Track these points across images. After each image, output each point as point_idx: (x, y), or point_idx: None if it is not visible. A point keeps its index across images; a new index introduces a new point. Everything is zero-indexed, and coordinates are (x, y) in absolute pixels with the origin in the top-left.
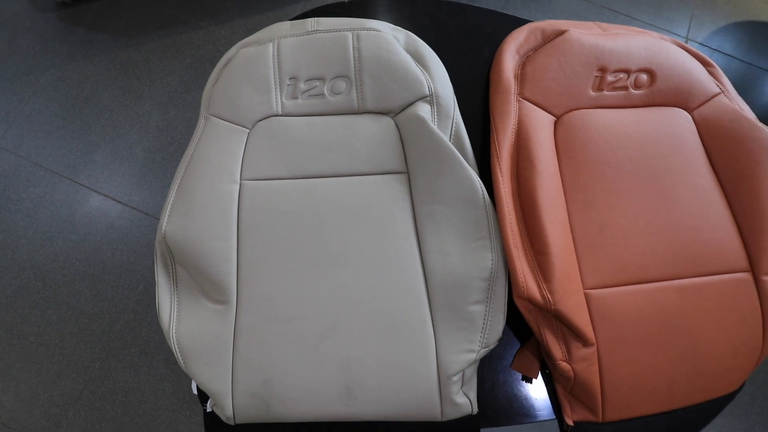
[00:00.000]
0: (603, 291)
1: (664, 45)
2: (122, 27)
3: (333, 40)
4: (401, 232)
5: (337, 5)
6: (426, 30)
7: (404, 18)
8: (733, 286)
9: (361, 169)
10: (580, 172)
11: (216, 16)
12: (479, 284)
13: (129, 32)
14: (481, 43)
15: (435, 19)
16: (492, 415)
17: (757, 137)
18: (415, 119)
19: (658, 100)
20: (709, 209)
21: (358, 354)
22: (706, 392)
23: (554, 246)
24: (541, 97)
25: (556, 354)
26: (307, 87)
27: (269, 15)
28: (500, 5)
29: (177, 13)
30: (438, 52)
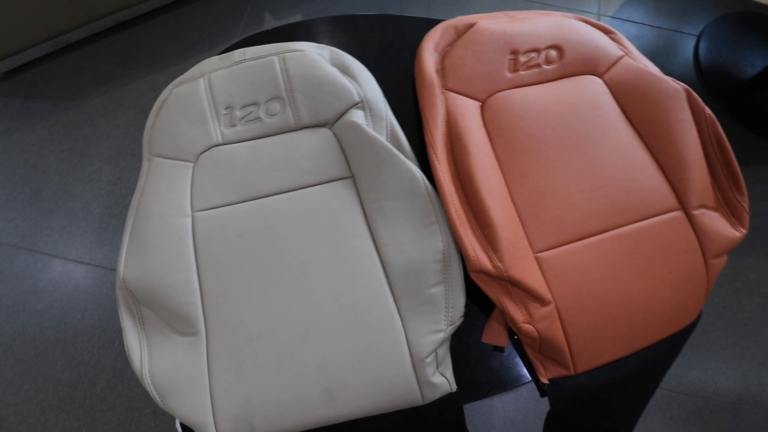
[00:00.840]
0: (551, 252)
1: (567, 21)
2: (60, 91)
3: (261, 65)
4: (355, 232)
5: (262, 34)
6: (350, 44)
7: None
8: (668, 225)
9: (308, 181)
10: (511, 147)
11: (152, 65)
12: (434, 266)
13: (68, 95)
14: (403, 48)
15: (357, 33)
16: (472, 389)
17: (663, 88)
18: (350, 125)
19: (569, 71)
20: (633, 160)
21: (333, 356)
22: (665, 328)
23: (496, 217)
24: (463, 86)
25: (517, 317)
26: (243, 113)
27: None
28: (425, 11)
29: (113, 69)
30: (365, 63)
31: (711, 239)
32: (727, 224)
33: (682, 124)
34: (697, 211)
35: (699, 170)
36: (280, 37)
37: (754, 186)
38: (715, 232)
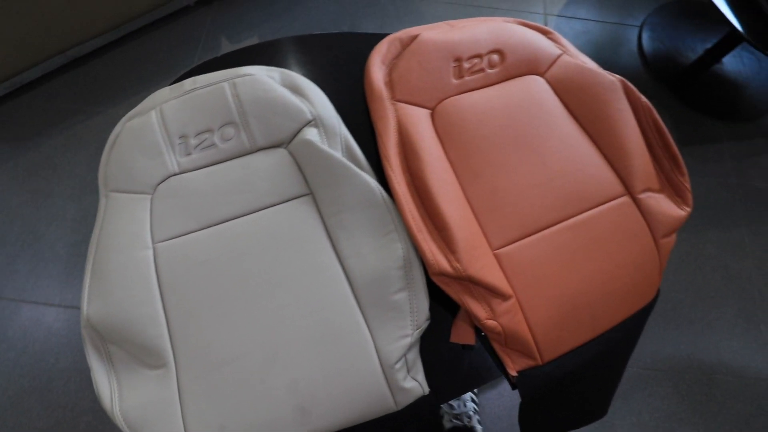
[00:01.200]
0: (509, 248)
1: (506, 26)
2: (18, 133)
3: (212, 93)
4: (317, 247)
5: (213, 61)
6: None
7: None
8: (617, 211)
9: (267, 202)
10: (463, 150)
11: (112, 98)
12: (396, 273)
13: (26, 136)
14: (353, 64)
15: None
16: (445, 389)
17: (600, 82)
18: (305, 143)
19: (512, 72)
20: (579, 152)
21: (302, 372)
22: (625, 309)
23: (452, 220)
24: (412, 95)
25: (480, 314)
26: (198, 141)
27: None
28: (378, 24)
29: (70, 106)
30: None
31: (658, 220)
32: (672, 204)
33: (621, 114)
34: (642, 194)
35: (640, 156)
36: (231, 63)
37: (704, 164)
38: (661, 213)
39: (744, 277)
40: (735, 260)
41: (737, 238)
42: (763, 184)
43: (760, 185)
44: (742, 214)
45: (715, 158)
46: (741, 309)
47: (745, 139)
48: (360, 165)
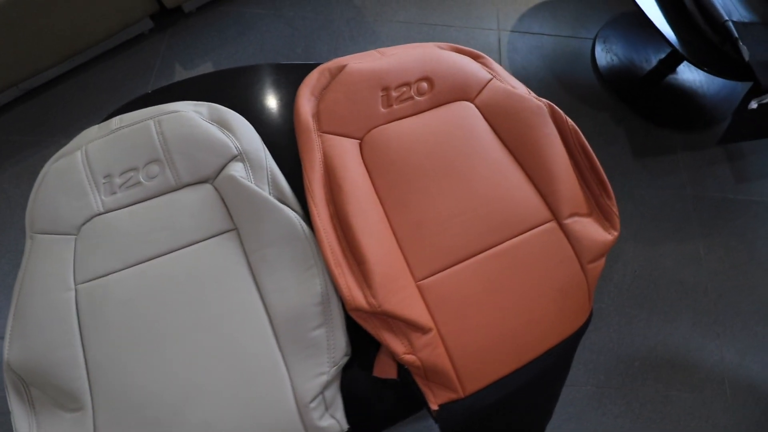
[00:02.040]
0: (433, 278)
1: (436, 52)
2: None
3: (137, 131)
4: (240, 284)
5: (144, 97)
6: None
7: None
8: (543, 237)
9: (191, 239)
10: (390, 180)
11: (66, 129)
12: (314, 309)
13: None
14: (286, 95)
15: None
16: (368, 424)
17: (527, 106)
18: (228, 179)
19: (441, 99)
20: (506, 178)
21: (217, 414)
22: (553, 336)
23: (370, 254)
24: (338, 127)
25: (398, 349)
26: (123, 180)
27: None
28: (333, 46)
29: (25, 138)
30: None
31: (584, 246)
32: (599, 228)
33: (547, 139)
34: (568, 220)
35: (567, 180)
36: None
37: (660, 176)
38: (587, 239)
39: (699, 291)
40: (690, 274)
41: (692, 251)
42: (717, 193)
43: (715, 195)
44: (697, 225)
45: (670, 169)
46: (696, 323)
47: (699, 148)
48: (285, 198)
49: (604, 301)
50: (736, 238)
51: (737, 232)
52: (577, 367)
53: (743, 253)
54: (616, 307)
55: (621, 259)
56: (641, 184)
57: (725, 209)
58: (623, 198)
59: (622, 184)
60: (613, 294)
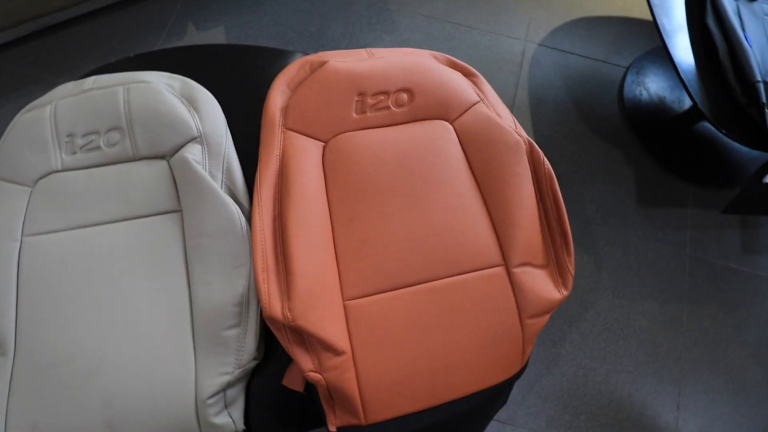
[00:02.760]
0: (362, 300)
1: (425, 63)
2: None
3: (105, 95)
4: (172, 267)
5: (125, 60)
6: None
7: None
8: (486, 281)
9: (137, 213)
10: (345, 191)
11: (73, 71)
12: (232, 310)
13: None
14: (265, 83)
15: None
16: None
17: (503, 140)
18: (181, 160)
19: (420, 115)
20: (466, 212)
21: (121, 389)
22: (475, 382)
23: (298, 266)
24: (304, 126)
25: (305, 366)
26: (84, 141)
27: None
28: (348, 29)
29: (34, 73)
30: (224, 95)
31: (528, 299)
32: (549, 284)
33: (516, 179)
34: (518, 269)
35: (526, 227)
36: (141, 65)
37: (662, 229)
38: (532, 292)
39: (671, 358)
40: (666, 338)
41: (675, 315)
42: (719, 260)
43: (716, 261)
44: (687, 289)
45: (675, 224)
46: (659, 391)
47: (712, 207)
48: (236, 191)
49: (565, 347)
50: (726, 311)
51: (729, 305)
52: (519, 407)
53: (730, 328)
54: (575, 356)
55: (594, 307)
56: (638, 234)
57: (723, 278)
58: (614, 245)
59: (617, 229)
60: (576, 342)
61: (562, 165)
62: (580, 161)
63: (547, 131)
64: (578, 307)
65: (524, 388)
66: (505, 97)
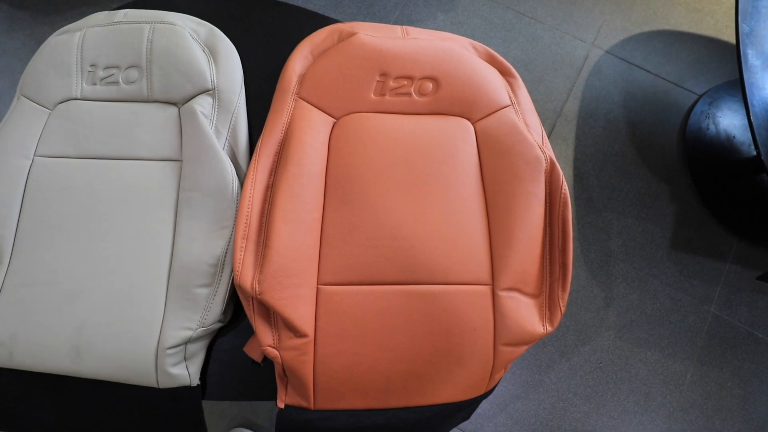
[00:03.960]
0: (337, 288)
1: (459, 53)
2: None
3: (131, 31)
4: (161, 215)
5: None
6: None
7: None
8: (470, 298)
9: (141, 154)
10: (345, 172)
11: None
12: (206, 269)
13: (47, 11)
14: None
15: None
16: (215, 389)
17: (523, 152)
18: (190, 111)
19: (441, 108)
20: (466, 221)
21: (93, 319)
22: (431, 395)
23: (278, 240)
24: (318, 98)
25: (264, 340)
26: (105, 74)
27: None
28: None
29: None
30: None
31: (507, 326)
32: (534, 315)
33: (527, 198)
34: (505, 292)
35: (525, 251)
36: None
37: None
38: (513, 321)
39: (662, 414)
40: (662, 393)
41: (678, 372)
42: (744, 325)
43: (740, 325)
44: (700, 348)
45: (707, 277)
46: None
47: (753, 268)
48: (237, 151)
49: (550, 376)
50: (737, 380)
51: (742, 375)
52: (486, 421)
53: (736, 399)
54: (559, 388)
55: (592, 344)
56: (661, 279)
57: (743, 346)
58: (632, 285)
59: (639, 269)
60: (563, 374)
61: (597, 188)
62: (617, 188)
63: (590, 148)
64: (575, 339)
65: (497, 405)
66: (554, 103)
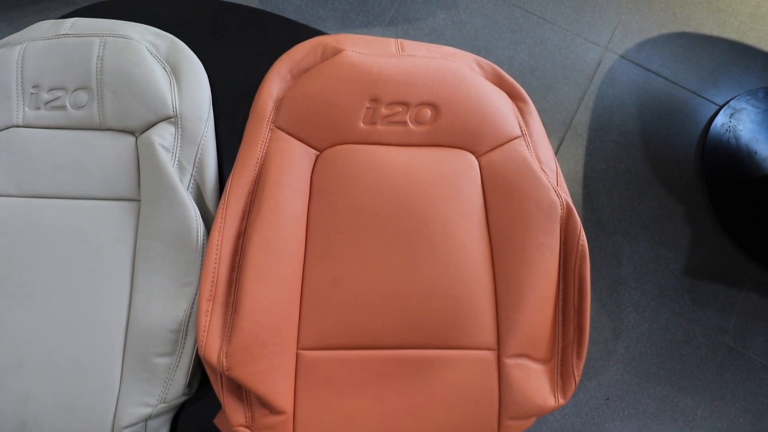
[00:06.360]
0: (319, 353)
1: (462, 74)
2: None
3: (78, 46)
4: (116, 266)
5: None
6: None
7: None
8: (471, 365)
9: (92, 193)
10: (328, 217)
11: None
12: (167, 336)
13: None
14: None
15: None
16: None
17: (536, 197)
18: (148, 144)
19: (441, 139)
20: (467, 274)
21: (39, 392)
22: None
23: (250, 303)
24: (298, 127)
25: (234, 419)
26: (50, 97)
27: None
28: None
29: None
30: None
31: (514, 399)
32: (544, 385)
33: (539, 251)
34: (511, 359)
35: (535, 313)
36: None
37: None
38: (521, 392)
39: None
40: (673, 429)
41: (688, 408)
42: (760, 358)
43: (756, 358)
44: (712, 382)
45: (721, 305)
46: None
47: None
48: (205, 190)
49: (554, 414)
50: (749, 416)
51: (755, 411)
52: None
53: None
54: (562, 426)
55: (598, 378)
56: (674, 308)
57: (757, 379)
58: (643, 315)
59: (651, 298)
60: (567, 411)
61: (607, 209)
62: (629, 208)
63: (601, 164)
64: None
65: None
66: (563, 114)
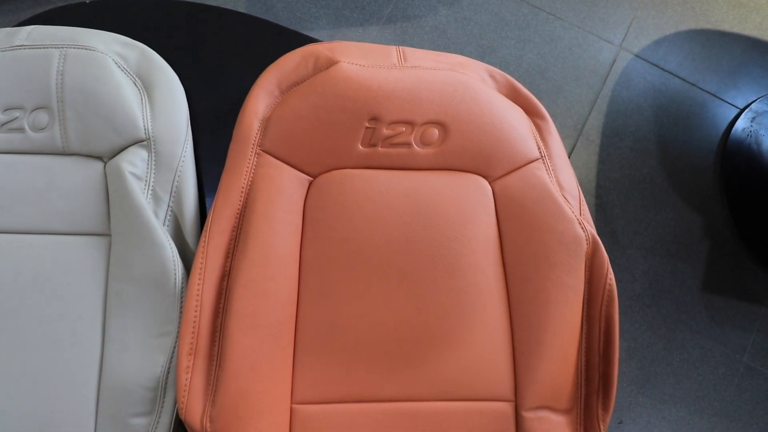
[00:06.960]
0: (316, 408)
1: (473, 89)
2: None
3: (36, 59)
4: (85, 311)
5: (79, 6)
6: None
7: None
8: (486, 418)
9: (56, 227)
10: (324, 252)
11: None
12: (144, 394)
13: None
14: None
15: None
16: None
17: (558, 230)
18: (117, 172)
19: (449, 163)
20: (479, 316)
21: None
22: None
23: (237, 357)
24: (288, 151)
25: None
26: (6, 118)
27: None
28: None
29: None
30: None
31: None
32: None
33: (562, 291)
34: (531, 412)
35: (557, 361)
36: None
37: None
38: None
39: None
40: None
41: (706, 429)
42: None
43: None
44: (730, 402)
45: (740, 323)
46: None
47: None
48: (183, 224)
49: None
50: None
51: None
52: None
53: None
54: None
55: None
56: (691, 326)
57: None
58: (658, 333)
59: (667, 315)
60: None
61: (622, 220)
62: (645, 220)
63: (615, 173)
64: None
65: None
66: (574, 119)
